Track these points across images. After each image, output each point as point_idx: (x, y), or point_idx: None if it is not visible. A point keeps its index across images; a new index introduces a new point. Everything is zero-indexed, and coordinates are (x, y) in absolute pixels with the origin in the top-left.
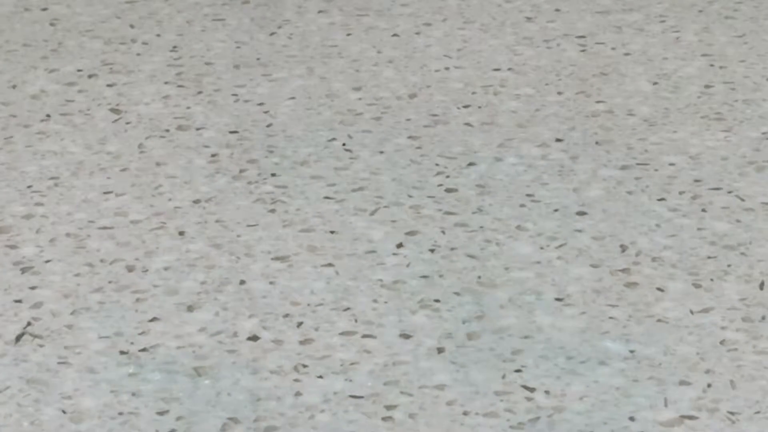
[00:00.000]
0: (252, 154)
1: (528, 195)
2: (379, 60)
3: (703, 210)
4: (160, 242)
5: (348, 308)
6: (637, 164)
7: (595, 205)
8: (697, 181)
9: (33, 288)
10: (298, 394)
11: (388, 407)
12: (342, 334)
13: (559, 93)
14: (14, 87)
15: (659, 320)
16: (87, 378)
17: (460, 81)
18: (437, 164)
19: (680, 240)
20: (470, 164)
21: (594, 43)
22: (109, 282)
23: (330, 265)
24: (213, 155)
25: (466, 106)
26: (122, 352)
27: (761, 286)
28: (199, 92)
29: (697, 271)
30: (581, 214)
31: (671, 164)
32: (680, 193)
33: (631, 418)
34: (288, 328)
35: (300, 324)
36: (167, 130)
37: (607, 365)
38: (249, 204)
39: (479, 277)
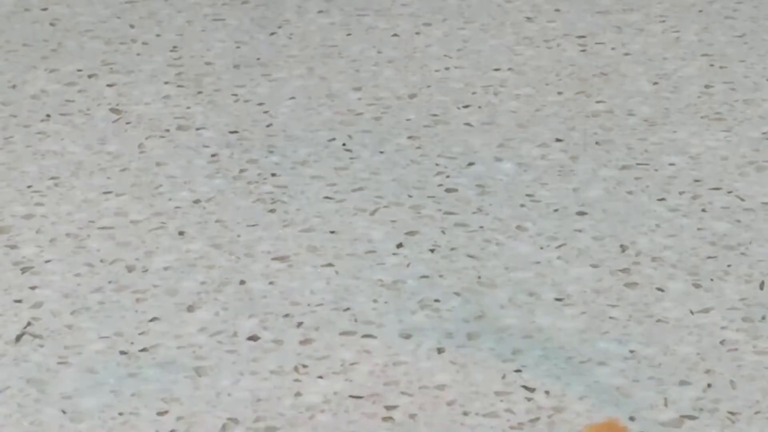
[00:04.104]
0: (252, 154)
1: (528, 195)
2: (379, 60)
3: (703, 210)
4: (160, 242)
5: (348, 308)
6: (637, 164)
7: (595, 205)
8: (697, 181)
9: (33, 288)
10: (298, 394)
11: (388, 407)
12: (342, 334)
13: (559, 93)
14: (14, 87)
15: (659, 320)
16: (87, 378)
17: (460, 81)
18: (437, 164)
19: (680, 240)
20: (470, 164)
21: (594, 43)
22: (109, 282)
23: (330, 265)
24: (213, 155)
25: (466, 106)
26: (122, 352)
27: (761, 286)
28: (199, 92)
29: (697, 271)
30: (581, 214)
31: (671, 164)
32: (680, 193)
33: (631, 418)
34: (288, 328)
35: (300, 324)
36: (167, 130)
37: (607, 365)
38: (249, 204)
39: (479, 277)
